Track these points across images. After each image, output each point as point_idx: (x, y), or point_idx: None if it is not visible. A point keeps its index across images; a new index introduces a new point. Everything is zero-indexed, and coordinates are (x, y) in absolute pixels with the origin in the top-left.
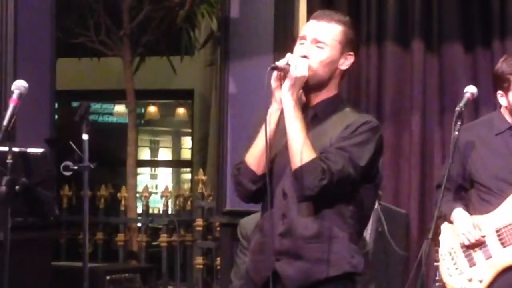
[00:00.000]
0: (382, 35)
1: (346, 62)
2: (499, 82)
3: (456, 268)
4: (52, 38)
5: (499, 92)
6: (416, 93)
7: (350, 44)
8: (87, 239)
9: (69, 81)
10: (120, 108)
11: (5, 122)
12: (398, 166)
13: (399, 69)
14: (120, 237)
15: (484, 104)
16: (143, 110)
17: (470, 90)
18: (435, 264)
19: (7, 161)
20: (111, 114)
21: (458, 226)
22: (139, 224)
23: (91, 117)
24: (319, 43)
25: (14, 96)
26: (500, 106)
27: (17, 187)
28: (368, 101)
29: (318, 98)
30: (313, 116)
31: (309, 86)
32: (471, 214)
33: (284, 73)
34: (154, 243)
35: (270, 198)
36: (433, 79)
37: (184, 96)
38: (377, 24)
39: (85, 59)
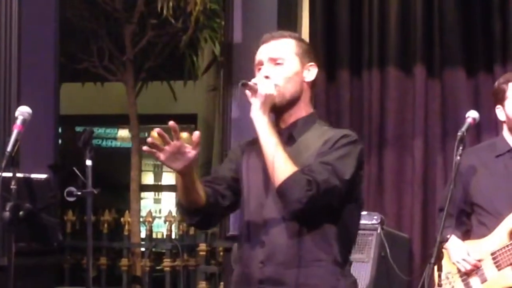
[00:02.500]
0: (384, 60)
1: (309, 74)
2: (496, 95)
3: None
4: (55, 63)
5: (498, 106)
6: (418, 118)
7: (308, 54)
8: (91, 264)
9: (72, 105)
10: (123, 132)
11: (9, 148)
12: (400, 190)
13: (401, 94)
14: (124, 262)
15: (486, 129)
16: (146, 134)
17: (472, 115)
18: None
19: (11, 187)
20: (114, 138)
21: (452, 254)
22: (142, 249)
23: (95, 142)
24: (277, 59)
25: (18, 122)
26: (502, 127)
27: (21, 213)
28: (370, 126)
29: (292, 118)
30: (288, 137)
31: (279, 107)
32: (470, 238)
33: (252, 92)
34: (157, 268)
35: (249, 227)
36: (435, 104)
37: (187, 120)
38: (379, 49)
39: (88, 84)
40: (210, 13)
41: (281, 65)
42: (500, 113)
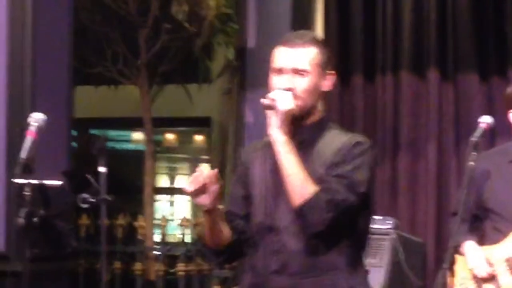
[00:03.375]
0: (397, 64)
1: (328, 83)
2: (509, 100)
3: None
4: (69, 68)
5: (510, 111)
6: (432, 122)
7: (329, 63)
8: (105, 269)
9: (86, 108)
10: (137, 135)
11: (23, 155)
12: (414, 195)
13: (414, 98)
14: (138, 266)
15: (499, 134)
16: (160, 138)
17: (486, 120)
18: None
19: (25, 193)
20: (128, 141)
21: (469, 260)
22: (156, 253)
23: (109, 145)
24: (300, 71)
25: (32, 129)
26: None
27: (35, 219)
28: (384, 130)
29: (304, 123)
30: (300, 142)
31: (295, 117)
32: (484, 244)
33: (273, 109)
34: (171, 271)
35: (261, 236)
36: (449, 108)
37: (201, 123)
38: (393, 53)
39: (102, 87)
40: (224, 17)
41: (303, 77)
42: None
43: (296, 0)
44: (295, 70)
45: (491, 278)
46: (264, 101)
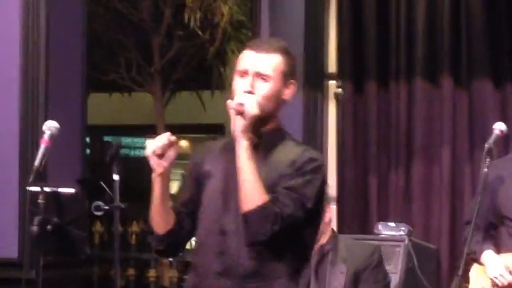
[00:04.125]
0: (411, 71)
1: (289, 92)
2: None
3: None
4: (83, 75)
5: None
6: (446, 128)
7: (292, 71)
8: (119, 276)
9: (100, 116)
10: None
11: (36, 163)
12: (428, 201)
13: (428, 104)
14: (152, 272)
15: None
16: None
17: (499, 127)
18: None
19: (39, 201)
20: (142, 148)
21: (490, 269)
22: (170, 259)
23: (123, 152)
24: (263, 76)
25: (46, 137)
26: None
27: (48, 227)
28: (398, 137)
29: (261, 130)
30: (255, 148)
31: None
32: (500, 251)
33: (241, 114)
34: (185, 277)
35: (207, 236)
36: (463, 115)
37: (214, 130)
38: (406, 60)
39: (116, 94)
40: (237, 24)
41: (266, 82)
42: None
43: (310, 6)
44: (257, 74)
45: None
46: (231, 104)
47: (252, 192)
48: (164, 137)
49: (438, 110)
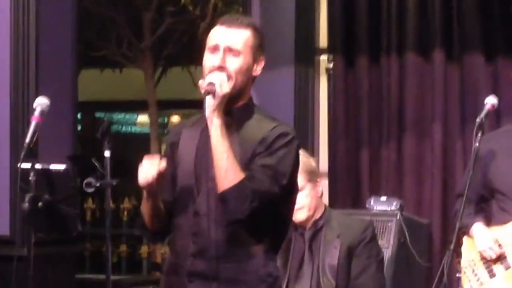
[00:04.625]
0: (402, 45)
1: (258, 68)
2: None
3: (477, 280)
4: (74, 51)
5: None
6: (437, 103)
7: (261, 47)
8: (110, 253)
9: (92, 92)
10: (143, 118)
11: (27, 140)
12: (419, 176)
13: (420, 79)
14: (144, 249)
15: (505, 114)
16: (166, 120)
17: (491, 101)
18: (457, 275)
19: (30, 178)
20: (134, 124)
21: (479, 242)
22: None
23: (114, 128)
24: (233, 51)
25: (36, 113)
26: None
27: (40, 204)
28: (389, 111)
29: (231, 106)
30: (227, 126)
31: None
32: (491, 224)
33: (213, 93)
34: None
35: (182, 217)
36: (454, 89)
37: None
38: (398, 34)
39: (107, 70)
40: (228, 0)
41: (236, 57)
42: None
43: None
44: (228, 49)
45: (501, 259)
46: (202, 84)
47: (227, 171)
48: (153, 168)
49: (429, 84)
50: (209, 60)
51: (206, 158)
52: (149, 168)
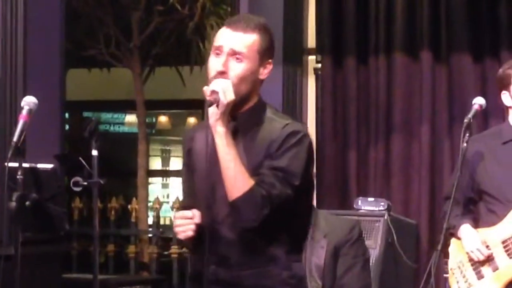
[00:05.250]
0: (390, 45)
1: (265, 72)
2: (501, 81)
3: (465, 281)
4: (62, 51)
5: (503, 92)
6: (425, 103)
7: (269, 51)
8: (98, 253)
9: (79, 91)
10: (131, 118)
11: (15, 139)
12: (407, 176)
13: (407, 79)
14: (131, 248)
15: (492, 115)
16: (154, 120)
17: (479, 101)
18: (445, 276)
19: (18, 177)
20: (122, 124)
21: (466, 244)
22: (150, 235)
23: (102, 127)
24: (237, 55)
25: (24, 112)
26: (508, 113)
27: (27, 203)
28: (377, 112)
29: (238, 111)
30: (234, 131)
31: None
32: (479, 226)
33: (217, 102)
34: (165, 253)
35: (204, 225)
36: (442, 89)
37: (194, 105)
38: (386, 34)
39: (95, 69)
40: None
41: (240, 61)
42: (506, 98)
43: None
44: (232, 52)
45: (488, 260)
46: (206, 92)
47: (236, 179)
48: (190, 223)
49: (417, 85)
50: (212, 62)
51: (218, 165)
52: (186, 224)
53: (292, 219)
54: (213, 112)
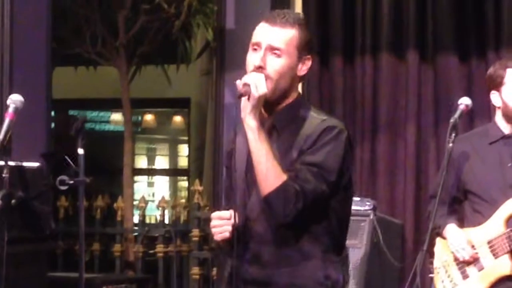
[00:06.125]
0: (376, 45)
1: (304, 68)
2: (492, 81)
3: (451, 281)
4: (48, 50)
5: (493, 92)
6: (411, 103)
7: (307, 47)
8: (84, 252)
9: (65, 89)
10: (116, 116)
11: (0, 137)
12: (393, 176)
13: (394, 79)
14: (117, 247)
15: (478, 115)
16: (139, 118)
17: (465, 102)
18: (430, 275)
19: (3, 175)
20: (107, 122)
21: (452, 243)
22: (135, 234)
23: (88, 126)
24: (275, 50)
25: (10, 110)
26: (495, 113)
27: (13, 201)
28: (363, 112)
29: (277, 106)
30: (273, 126)
31: (268, 100)
32: (464, 226)
33: (248, 95)
34: (150, 251)
35: (238, 224)
36: (428, 89)
37: (180, 104)
38: (372, 34)
39: (81, 68)
40: None
41: (278, 57)
42: (495, 98)
43: None
44: (270, 48)
45: (474, 260)
46: (238, 84)
47: (268, 174)
48: (227, 223)
49: (403, 85)
50: (251, 58)
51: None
52: (223, 225)
53: (329, 216)
54: (244, 106)
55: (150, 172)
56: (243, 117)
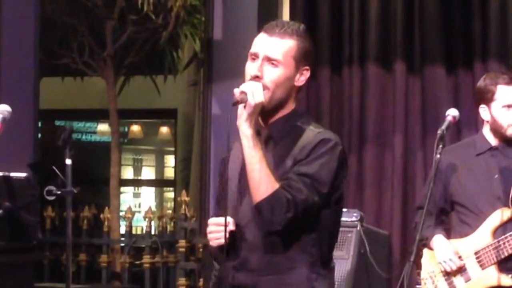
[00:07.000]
0: (364, 56)
1: (302, 78)
2: (482, 95)
3: None
4: (35, 60)
5: (482, 106)
6: (398, 114)
7: (305, 58)
8: (70, 262)
9: (52, 100)
10: (103, 127)
11: None
12: (380, 187)
13: (381, 90)
14: (103, 258)
15: (466, 126)
16: (126, 129)
17: (452, 113)
18: (417, 287)
19: None
20: (94, 133)
21: (439, 254)
22: (122, 245)
23: (74, 136)
24: (272, 60)
25: None
26: (483, 126)
27: (0, 211)
28: (351, 123)
29: (273, 117)
30: (267, 138)
31: (265, 110)
32: (451, 237)
33: (244, 103)
34: (137, 262)
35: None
36: (415, 101)
37: (167, 115)
38: (359, 45)
39: (68, 78)
40: (190, 9)
41: (275, 67)
42: (484, 112)
43: None
44: (266, 58)
45: (461, 271)
46: (235, 92)
47: (260, 182)
48: (223, 230)
49: (391, 96)
50: (248, 67)
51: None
52: (220, 231)
53: (318, 228)
54: (240, 113)
55: (137, 182)
56: (239, 125)
